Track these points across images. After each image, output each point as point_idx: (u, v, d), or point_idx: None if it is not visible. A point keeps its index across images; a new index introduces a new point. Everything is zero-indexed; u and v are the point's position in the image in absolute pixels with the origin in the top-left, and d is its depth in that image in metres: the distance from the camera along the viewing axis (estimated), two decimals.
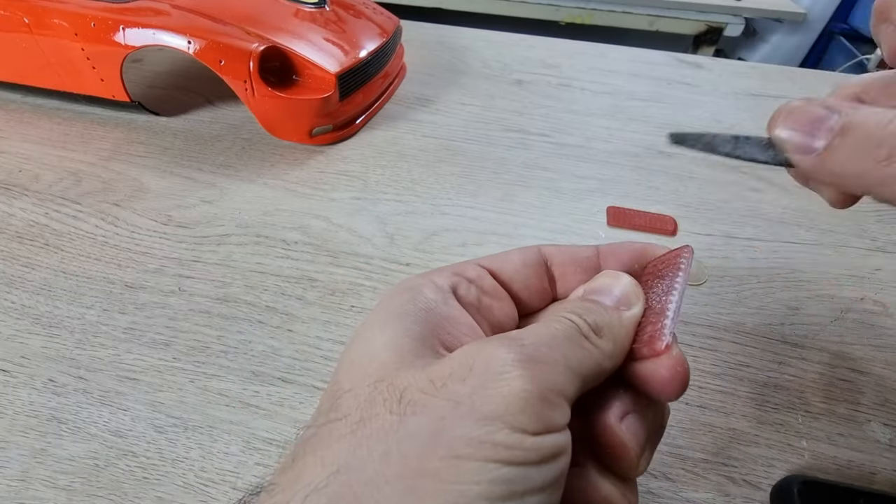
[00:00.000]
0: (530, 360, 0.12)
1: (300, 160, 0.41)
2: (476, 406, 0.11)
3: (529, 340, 0.13)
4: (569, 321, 0.14)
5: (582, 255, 0.18)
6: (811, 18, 1.42)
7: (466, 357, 0.13)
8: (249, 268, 0.32)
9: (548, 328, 0.14)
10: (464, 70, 0.55)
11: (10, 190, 0.37)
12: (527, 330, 0.14)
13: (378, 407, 0.12)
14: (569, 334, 0.14)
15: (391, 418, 0.12)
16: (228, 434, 0.24)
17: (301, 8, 0.44)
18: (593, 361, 0.14)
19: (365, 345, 0.14)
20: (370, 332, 0.15)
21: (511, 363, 0.12)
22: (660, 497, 0.23)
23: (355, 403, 0.13)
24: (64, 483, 0.22)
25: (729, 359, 0.28)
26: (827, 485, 0.22)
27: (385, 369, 0.13)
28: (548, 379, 0.12)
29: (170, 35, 0.37)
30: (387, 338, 0.14)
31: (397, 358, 0.14)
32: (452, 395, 0.12)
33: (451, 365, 0.13)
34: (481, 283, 0.17)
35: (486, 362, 0.12)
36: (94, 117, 0.44)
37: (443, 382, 0.12)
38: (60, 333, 0.28)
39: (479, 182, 0.40)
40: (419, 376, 0.13)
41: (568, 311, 0.15)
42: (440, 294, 0.16)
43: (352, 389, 0.13)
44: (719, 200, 0.39)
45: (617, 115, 0.49)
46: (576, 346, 0.14)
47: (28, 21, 0.39)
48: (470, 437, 0.11)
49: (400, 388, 0.13)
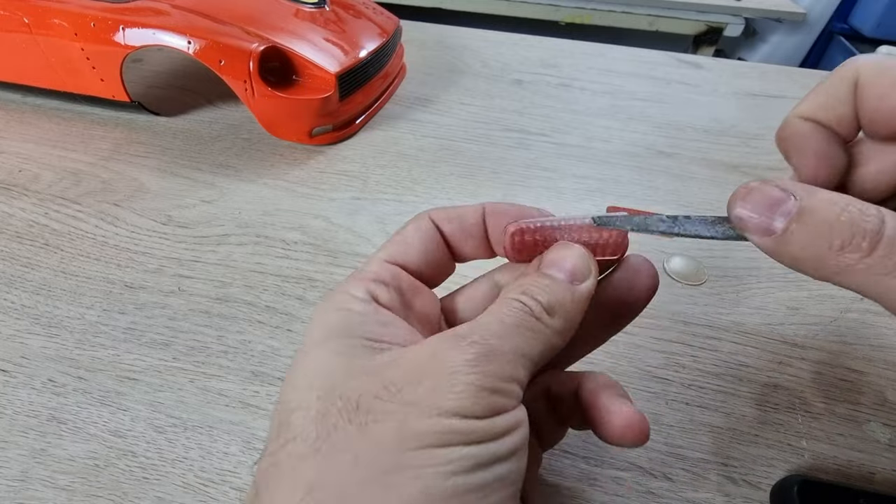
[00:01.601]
0: (479, 357, 0.13)
1: (300, 160, 0.41)
2: (433, 404, 0.12)
3: (479, 336, 0.13)
4: (520, 304, 0.15)
5: (468, 221, 0.18)
6: (811, 18, 1.42)
7: (418, 362, 0.13)
8: (249, 268, 0.32)
9: (498, 317, 0.14)
10: (464, 70, 0.55)
11: (10, 190, 0.37)
12: (477, 323, 0.14)
13: (333, 418, 0.13)
14: (519, 320, 0.14)
15: (351, 428, 0.12)
16: (228, 434, 0.24)
17: (301, 8, 0.44)
18: (545, 343, 0.15)
19: (307, 363, 0.14)
20: (310, 351, 0.15)
21: (461, 364, 0.13)
22: (660, 497, 0.23)
23: (307, 420, 0.13)
24: (64, 483, 0.22)
25: (729, 359, 0.28)
26: (827, 485, 0.22)
27: (332, 379, 0.14)
28: (497, 372, 0.13)
29: (170, 35, 0.37)
30: (328, 352, 0.14)
31: (342, 368, 0.14)
32: (409, 399, 0.12)
33: (404, 369, 0.13)
34: (398, 283, 0.17)
35: (438, 366, 0.13)
36: (94, 117, 0.44)
37: (398, 387, 0.13)
38: (60, 333, 0.28)
39: (478, 182, 0.40)
40: (372, 382, 0.13)
41: (520, 292, 0.15)
42: (367, 306, 0.16)
43: (299, 407, 0.13)
44: (720, 201, 0.39)
45: (617, 115, 0.49)
46: (527, 331, 0.14)
47: (28, 21, 0.39)
48: (432, 430, 0.12)
49: (354, 398, 0.13)
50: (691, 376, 0.27)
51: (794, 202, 0.13)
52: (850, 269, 0.12)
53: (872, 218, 0.12)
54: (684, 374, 0.27)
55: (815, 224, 0.13)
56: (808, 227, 0.13)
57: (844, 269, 0.12)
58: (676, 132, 0.47)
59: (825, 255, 0.13)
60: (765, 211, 0.14)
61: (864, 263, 0.12)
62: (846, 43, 1.41)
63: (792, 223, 0.13)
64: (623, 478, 0.23)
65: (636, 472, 0.24)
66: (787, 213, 0.13)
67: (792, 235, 0.13)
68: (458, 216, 0.18)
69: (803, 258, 0.13)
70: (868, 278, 0.12)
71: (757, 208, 0.14)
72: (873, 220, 0.12)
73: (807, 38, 1.49)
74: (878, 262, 0.12)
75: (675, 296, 0.32)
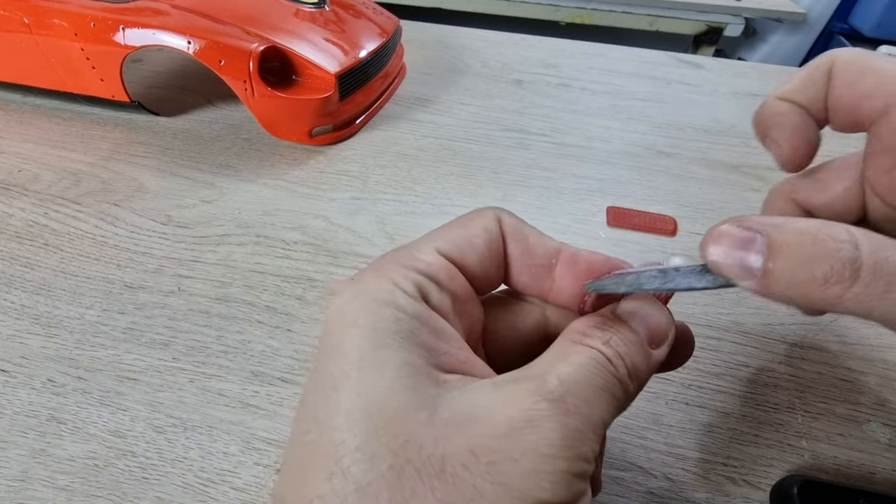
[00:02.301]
0: (574, 434, 0.12)
1: (300, 160, 0.41)
2: (528, 491, 0.11)
3: (572, 404, 0.12)
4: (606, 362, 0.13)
5: (541, 249, 0.16)
6: (811, 18, 1.42)
7: (512, 425, 0.12)
8: (249, 268, 0.32)
9: (587, 376, 0.13)
10: (464, 70, 0.55)
11: (10, 190, 0.37)
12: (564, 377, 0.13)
13: (412, 481, 0.11)
14: (607, 384, 0.13)
15: (435, 501, 0.11)
16: (228, 434, 0.24)
17: (301, 8, 0.44)
18: (620, 409, 0.13)
19: (362, 383, 0.12)
20: (363, 365, 0.12)
21: (559, 444, 0.11)
22: (659, 497, 0.23)
23: (375, 472, 0.11)
24: (63, 483, 0.22)
25: (729, 359, 0.28)
26: (826, 485, 0.22)
27: (403, 422, 0.11)
28: (586, 454, 0.12)
29: (169, 35, 0.37)
30: (390, 377, 0.12)
31: (412, 405, 0.12)
32: (502, 479, 0.11)
33: (493, 431, 0.12)
34: (452, 286, 0.15)
35: (534, 441, 0.11)
36: (94, 117, 0.44)
37: (489, 459, 0.11)
38: (60, 333, 0.28)
39: (479, 182, 0.40)
40: (455, 443, 0.11)
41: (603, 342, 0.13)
42: (419, 306, 0.13)
43: (361, 447, 0.11)
44: (719, 200, 0.39)
45: (617, 115, 0.49)
46: (612, 397, 0.13)
47: (28, 21, 0.39)
48: None
49: (437, 459, 0.11)
50: (691, 376, 0.27)
51: (762, 239, 0.12)
52: (841, 301, 0.12)
53: (845, 244, 0.11)
54: (684, 374, 0.27)
55: (790, 259, 0.12)
56: (785, 263, 0.12)
57: (835, 301, 0.12)
58: (676, 132, 0.47)
59: (812, 291, 0.12)
60: (737, 254, 0.13)
61: (852, 293, 0.11)
62: (846, 43, 1.41)
63: (768, 262, 0.12)
64: (623, 478, 0.23)
65: (636, 472, 0.24)
66: (759, 251, 0.12)
67: (773, 275, 0.12)
68: (530, 235, 0.16)
69: (792, 296, 0.12)
70: (860, 307, 0.12)
71: (728, 253, 0.13)
72: (846, 246, 0.11)
73: (807, 38, 1.49)
74: (864, 291, 0.11)
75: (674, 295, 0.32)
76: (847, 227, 0.12)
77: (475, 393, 0.12)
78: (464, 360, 0.14)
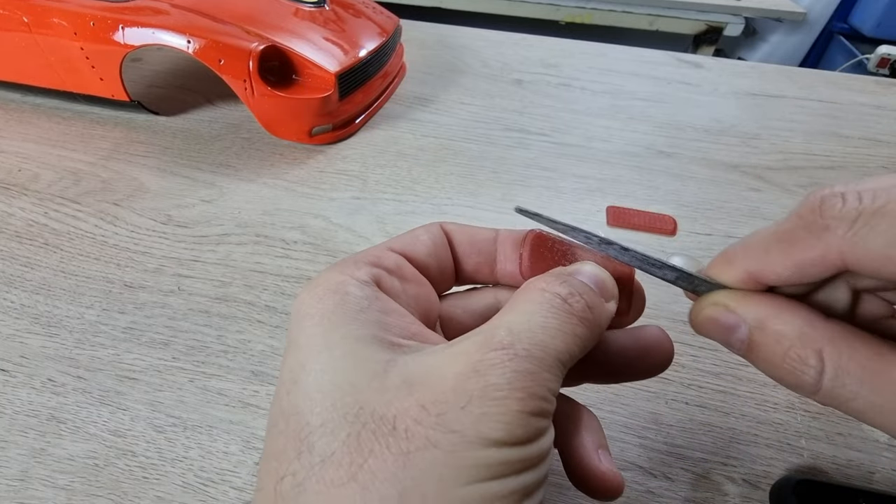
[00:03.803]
0: (525, 375, 0.12)
1: (300, 160, 0.41)
2: (481, 434, 0.11)
3: (522, 347, 0.12)
4: (561, 301, 0.14)
5: (481, 236, 0.18)
6: (811, 18, 1.42)
7: (458, 378, 0.12)
8: (249, 267, 0.32)
9: (540, 319, 0.13)
10: (463, 69, 0.55)
11: (10, 189, 0.37)
12: (515, 325, 0.13)
13: (370, 443, 0.11)
14: (562, 322, 0.13)
15: (391, 456, 0.11)
16: (228, 434, 0.24)
17: (301, 7, 0.44)
18: (581, 348, 0.14)
19: (316, 366, 0.13)
20: (314, 350, 0.13)
21: (507, 385, 0.12)
22: (659, 496, 0.23)
23: (336, 441, 0.12)
24: (63, 483, 0.22)
25: (728, 358, 0.28)
26: (826, 484, 0.22)
27: (357, 392, 0.12)
28: (540, 391, 0.12)
29: (169, 34, 0.37)
30: (340, 353, 0.13)
31: (365, 375, 0.12)
32: (454, 426, 0.11)
33: (442, 386, 0.12)
34: (401, 272, 0.16)
35: (482, 387, 0.12)
36: (94, 116, 0.44)
37: (438, 410, 0.12)
38: (60, 333, 0.28)
39: (478, 182, 0.40)
40: (406, 399, 0.12)
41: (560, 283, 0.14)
42: (368, 289, 0.14)
43: (323, 425, 0.12)
44: (719, 200, 0.39)
45: (617, 115, 0.49)
46: (568, 335, 0.13)
47: (27, 20, 0.39)
48: (484, 462, 0.11)
49: (389, 419, 0.12)
50: (691, 376, 0.27)
51: (744, 330, 0.14)
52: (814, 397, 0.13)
53: (811, 370, 0.12)
54: (684, 373, 0.27)
55: (764, 359, 0.13)
56: (760, 359, 0.14)
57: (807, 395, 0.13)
58: (676, 132, 0.47)
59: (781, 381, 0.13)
60: (722, 337, 0.14)
61: (817, 396, 0.13)
62: (846, 42, 1.41)
63: (749, 352, 0.14)
64: (623, 477, 0.23)
65: (636, 471, 0.24)
66: (741, 340, 0.14)
67: (752, 356, 0.14)
68: (470, 230, 0.18)
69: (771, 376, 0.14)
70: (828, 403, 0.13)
71: (714, 335, 0.15)
72: (812, 372, 0.12)
73: (807, 38, 1.49)
74: (824, 399, 0.12)
75: (674, 295, 0.32)
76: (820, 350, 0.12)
77: (426, 356, 0.13)
78: (416, 331, 0.15)
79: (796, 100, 0.52)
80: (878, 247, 0.11)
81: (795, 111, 0.50)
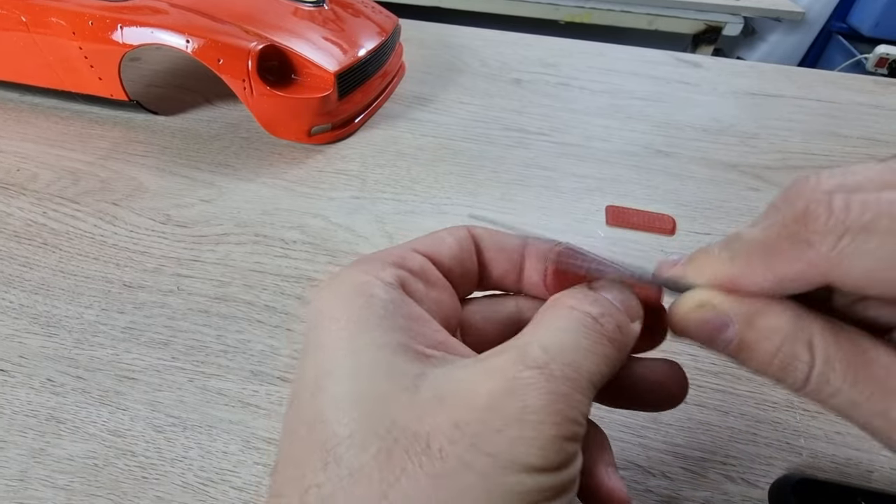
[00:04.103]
0: (560, 398, 0.12)
1: (299, 159, 0.41)
2: (517, 458, 0.11)
3: (558, 367, 0.12)
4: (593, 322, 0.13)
5: (510, 244, 0.17)
6: (810, 18, 1.42)
7: (493, 397, 0.12)
8: (248, 267, 0.32)
9: (573, 338, 0.13)
10: (463, 69, 0.55)
11: (8, 189, 0.37)
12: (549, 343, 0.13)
13: (402, 461, 0.11)
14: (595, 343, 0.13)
15: (424, 476, 0.11)
16: (227, 433, 0.24)
17: (300, 7, 0.44)
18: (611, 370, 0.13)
19: (344, 373, 0.12)
20: (338, 354, 0.13)
21: (544, 410, 0.12)
22: (658, 495, 0.23)
23: (366, 455, 0.11)
24: (63, 483, 0.22)
25: (727, 358, 0.28)
26: (825, 483, 0.22)
27: (388, 405, 0.12)
28: (574, 416, 0.12)
29: (168, 34, 0.37)
30: (367, 361, 0.12)
31: (394, 387, 0.12)
32: (489, 449, 0.11)
33: (476, 404, 0.12)
34: (426, 275, 0.16)
35: (518, 409, 0.11)
36: (93, 116, 0.44)
37: (474, 431, 0.11)
38: (59, 333, 0.28)
39: (478, 181, 0.40)
40: (439, 418, 0.12)
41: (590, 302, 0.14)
42: (393, 292, 0.14)
43: (351, 437, 0.12)
44: (718, 200, 0.39)
45: (616, 115, 0.49)
46: (600, 357, 0.13)
47: (26, 20, 0.39)
48: (519, 489, 0.11)
49: (423, 436, 0.11)
50: (690, 375, 0.27)
51: (733, 330, 0.13)
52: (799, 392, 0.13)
53: (802, 365, 0.12)
54: None
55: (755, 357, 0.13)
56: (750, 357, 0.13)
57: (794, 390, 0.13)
58: (675, 131, 0.47)
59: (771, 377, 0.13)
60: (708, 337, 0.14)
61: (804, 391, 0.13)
62: (845, 42, 1.41)
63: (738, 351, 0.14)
64: (622, 476, 0.23)
65: (635, 470, 0.24)
66: (729, 339, 0.14)
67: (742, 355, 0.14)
68: (499, 236, 0.17)
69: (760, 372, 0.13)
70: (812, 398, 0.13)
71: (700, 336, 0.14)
72: (803, 367, 0.12)
73: (805, 38, 1.49)
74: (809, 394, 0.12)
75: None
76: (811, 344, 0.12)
77: (457, 369, 0.13)
78: (441, 340, 0.14)
79: (795, 99, 0.52)
80: (864, 267, 0.11)
81: (794, 111, 0.50)
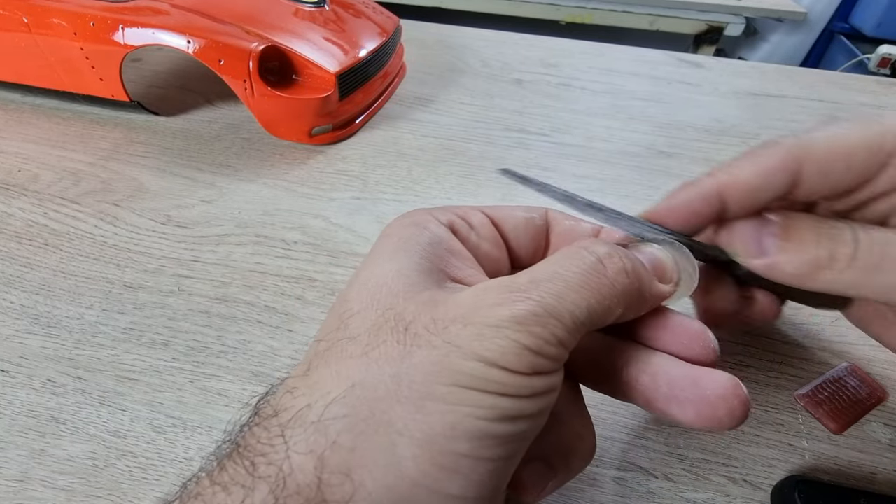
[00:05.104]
0: (530, 316, 0.13)
1: (300, 160, 0.41)
2: (475, 350, 0.13)
3: (537, 294, 0.13)
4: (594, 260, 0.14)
5: (583, 229, 0.19)
6: (812, 18, 1.42)
7: (469, 306, 0.14)
8: (249, 268, 0.32)
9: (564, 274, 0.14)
10: (464, 69, 0.55)
11: (9, 189, 0.37)
12: (538, 277, 0.14)
13: (385, 334, 0.14)
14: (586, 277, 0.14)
15: (398, 347, 0.13)
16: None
17: (301, 7, 0.44)
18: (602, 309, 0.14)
19: (375, 271, 0.16)
20: (380, 259, 0.16)
21: (508, 320, 0.13)
22: (660, 497, 0.23)
23: (364, 326, 0.14)
24: (63, 483, 0.22)
25: (729, 358, 0.28)
26: (828, 485, 0.22)
27: (393, 297, 0.15)
28: (546, 336, 0.13)
29: (169, 34, 0.37)
30: (396, 267, 0.15)
31: (405, 288, 0.15)
32: (454, 339, 0.13)
33: (455, 309, 0.14)
34: (482, 230, 0.18)
35: (486, 316, 0.13)
36: (94, 117, 0.44)
37: (444, 325, 0.13)
38: (59, 333, 0.28)
39: (479, 182, 0.40)
40: (424, 313, 0.14)
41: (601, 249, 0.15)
42: (443, 231, 0.17)
43: (360, 312, 0.15)
44: None
45: (617, 115, 0.48)
46: (590, 292, 0.14)
47: (27, 20, 0.39)
48: (471, 372, 0.13)
49: (406, 321, 0.14)
50: None
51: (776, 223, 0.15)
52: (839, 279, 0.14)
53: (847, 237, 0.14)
54: None
55: (799, 240, 0.15)
56: (794, 244, 0.15)
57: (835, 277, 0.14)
58: (677, 132, 0.47)
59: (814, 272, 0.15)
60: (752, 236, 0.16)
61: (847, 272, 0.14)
62: (847, 42, 1.41)
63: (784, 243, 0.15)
64: (623, 478, 0.23)
65: (637, 472, 0.24)
66: (772, 233, 0.15)
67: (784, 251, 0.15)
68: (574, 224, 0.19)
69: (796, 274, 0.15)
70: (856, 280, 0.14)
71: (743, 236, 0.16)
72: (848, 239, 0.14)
73: (807, 38, 1.49)
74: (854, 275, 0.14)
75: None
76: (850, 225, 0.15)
77: (461, 292, 0.15)
78: (471, 275, 0.16)
79: (797, 100, 0.52)
80: None
81: (796, 111, 0.50)
